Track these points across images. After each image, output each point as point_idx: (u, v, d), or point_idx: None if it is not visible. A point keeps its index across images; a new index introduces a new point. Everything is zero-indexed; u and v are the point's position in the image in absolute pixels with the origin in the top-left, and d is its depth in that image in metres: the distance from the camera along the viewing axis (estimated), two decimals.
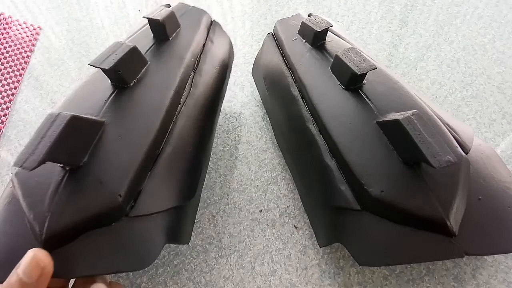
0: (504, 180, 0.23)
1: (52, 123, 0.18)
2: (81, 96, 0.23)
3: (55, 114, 0.19)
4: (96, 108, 0.22)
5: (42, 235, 0.17)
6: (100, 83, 0.24)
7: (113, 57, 0.22)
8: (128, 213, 0.19)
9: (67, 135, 0.18)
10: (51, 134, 0.18)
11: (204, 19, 0.32)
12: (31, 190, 0.19)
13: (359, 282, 0.25)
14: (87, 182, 0.19)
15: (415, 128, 0.20)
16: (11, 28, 0.45)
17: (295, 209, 0.29)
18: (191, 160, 0.25)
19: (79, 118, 0.19)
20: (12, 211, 0.19)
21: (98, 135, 0.20)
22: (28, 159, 0.17)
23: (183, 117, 0.25)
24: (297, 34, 0.32)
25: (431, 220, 0.19)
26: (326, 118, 0.25)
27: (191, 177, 0.25)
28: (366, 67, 0.24)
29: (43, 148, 0.17)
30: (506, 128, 0.33)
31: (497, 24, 0.44)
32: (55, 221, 0.18)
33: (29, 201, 0.19)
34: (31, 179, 0.19)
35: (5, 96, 0.38)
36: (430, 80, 0.38)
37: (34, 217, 0.18)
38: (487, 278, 0.25)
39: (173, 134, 0.23)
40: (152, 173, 0.21)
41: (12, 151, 0.34)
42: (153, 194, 0.21)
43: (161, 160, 0.22)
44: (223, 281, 0.26)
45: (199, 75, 0.28)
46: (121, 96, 0.23)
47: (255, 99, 0.38)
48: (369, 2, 0.49)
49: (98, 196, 0.18)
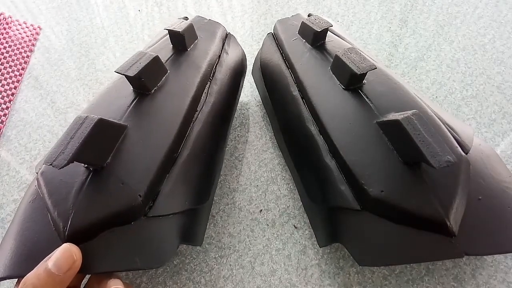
0: (504, 180, 0.23)
1: (80, 125, 0.19)
2: (104, 101, 0.25)
3: (83, 117, 0.20)
4: (119, 113, 0.23)
5: (65, 231, 0.18)
6: (123, 90, 0.25)
7: (137, 65, 0.24)
8: (147, 213, 0.20)
9: (94, 136, 0.19)
10: (80, 135, 0.19)
11: (220, 32, 0.33)
12: (56, 188, 0.20)
13: (359, 282, 0.25)
14: (110, 182, 0.20)
15: (415, 128, 0.20)
16: (11, 28, 0.45)
17: (295, 209, 0.29)
18: (205, 164, 0.26)
19: (105, 121, 0.20)
20: (36, 208, 0.21)
21: (121, 138, 0.21)
22: (58, 158, 0.18)
23: (199, 123, 0.26)
24: (297, 34, 0.32)
25: (431, 220, 0.19)
26: (326, 118, 0.25)
27: (205, 181, 0.26)
28: (366, 67, 0.24)
29: (72, 148, 0.18)
30: (506, 128, 0.33)
31: (497, 24, 0.44)
32: (79, 218, 0.18)
33: (54, 199, 0.19)
34: (56, 178, 0.20)
35: (5, 96, 0.38)
36: (430, 80, 0.38)
37: (58, 214, 0.19)
38: (487, 278, 0.25)
39: (190, 139, 0.24)
40: (170, 175, 0.22)
41: (12, 151, 0.34)
42: (170, 196, 0.22)
43: (178, 163, 0.23)
44: (223, 281, 0.26)
45: (214, 84, 0.29)
46: (143, 102, 0.24)
47: (255, 99, 0.38)
48: (369, 2, 0.49)
49: (120, 195, 0.19)
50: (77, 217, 0.18)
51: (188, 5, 0.51)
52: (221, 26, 0.34)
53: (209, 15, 0.49)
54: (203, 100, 0.27)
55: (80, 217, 0.19)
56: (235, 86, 0.32)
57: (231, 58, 0.33)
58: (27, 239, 0.20)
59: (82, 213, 0.19)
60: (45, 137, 0.35)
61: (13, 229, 0.21)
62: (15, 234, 0.20)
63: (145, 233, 0.20)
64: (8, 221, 0.29)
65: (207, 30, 0.33)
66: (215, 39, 0.32)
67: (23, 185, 0.32)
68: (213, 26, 0.34)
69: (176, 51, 0.29)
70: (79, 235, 0.18)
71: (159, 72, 0.26)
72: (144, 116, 0.23)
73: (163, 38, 0.31)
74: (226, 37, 0.34)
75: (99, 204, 0.19)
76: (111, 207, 0.19)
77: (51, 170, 0.21)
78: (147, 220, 0.20)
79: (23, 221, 0.21)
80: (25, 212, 0.21)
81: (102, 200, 0.19)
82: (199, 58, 0.29)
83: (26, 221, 0.20)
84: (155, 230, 0.21)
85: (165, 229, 0.21)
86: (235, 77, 0.32)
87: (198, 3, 0.51)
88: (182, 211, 0.22)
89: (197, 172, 0.25)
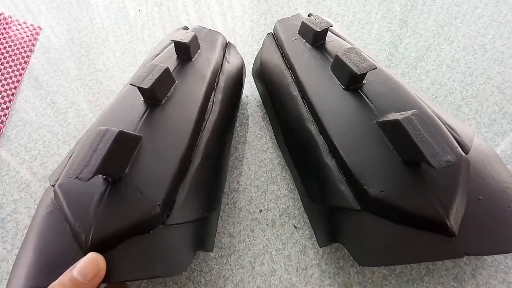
0: (504, 180, 0.23)
1: (102, 137, 0.20)
2: (116, 112, 0.25)
3: (104, 130, 0.20)
4: (133, 124, 0.23)
5: (87, 242, 0.19)
6: (133, 100, 0.26)
7: (151, 77, 0.24)
8: (165, 221, 0.21)
9: (114, 149, 0.20)
10: (102, 147, 0.19)
11: (220, 41, 0.34)
12: (75, 200, 0.20)
13: (359, 282, 0.25)
14: (129, 192, 0.20)
15: (415, 128, 0.20)
16: (11, 28, 0.45)
17: (295, 209, 0.29)
18: (214, 171, 0.26)
19: (124, 133, 0.21)
20: (54, 219, 0.21)
21: (137, 149, 0.22)
22: (83, 171, 0.18)
23: (207, 132, 0.26)
24: (297, 34, 0.32)
25: (431, 220, 0.19)
26: (326, 118, 0.25)
27: (215, 187, 0.26)
28: (366, 67, 0.24)
29: (96, 161, 0.19)
30: (506, 128, 0.33)
31: (497, 24, 0.44)
32: (100, 229, 0.19)
33: (74, 211, 0.20)
34: (75, 190, 0.21)
35: (5, 96, 0.38)
36: (430, 80, 0.38)
37: (79, 226, 0.19)
38: (487, 278, 0.25)
39: (199, 148, 0.25)
40: (184, 184, 0.23)
41: (12, 151, 0.34)
42: (186, 204, 0.22)
43: (190, 172, 0.24)
44: (223, 281, 0.26)
45: (219, 93, 0.30)
46: (154, 113, 0.24)
47: (255, 99, 0.38)
48: (369, 2, 0.49)
49: (140, 205, 0.20)
50: (99, 228, 0.19)
51: (188, 5, 0.51)
52: (221, 35, 0.35)
53: (209, 15, 0.49)
54: (209, 109, 0.28)
55: (101, 228, 0.19)
56: (237, 94, 0.33)
57: (232, 66, 0.33)
58: (46, 251, 0.20)
59: (104, 224, 0.19)
60: (45, 137, 0.35)
61: (31, 241, 0.21)
62: (34, 245, 0.20)
63: (164, 241, 0.20)
64: (8, 221, 0.29)
65: (208, 39, 0.33)
66: (216, 48, 0.33)
67: (23, 185, 0.32)
68: (213, 36, 0.34)
69: (181, 61, 0.29)
70: (101, 246, 0.19)
71: (169, 83, 0.26)
72: (157, 126, 0.24)
73: (167, 48, 0.31)
74: (226, 46, 0.35)
75: (119, 214, 0.19)
76: (132, 217, 0.20)
77: (69, 182, 0.21)
78: (165, 228, 0.21)
79: (41, 233, 0.21)
80: (42, 223, 0.21)
81: (123, 210, 0.20)
82: (204, 68, 0.30)
83: (44, 233, 0.21)
84: (174, 238, 0.21)
85: (182, 236, 0.22)
86: (236, 85, 0.33)
87: (198, 3, 0.51)
88: (197, 219, 0.23)
89: (208, 180, 0.25)
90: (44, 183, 0.32)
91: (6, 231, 0.29)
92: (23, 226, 0.29)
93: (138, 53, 0.44)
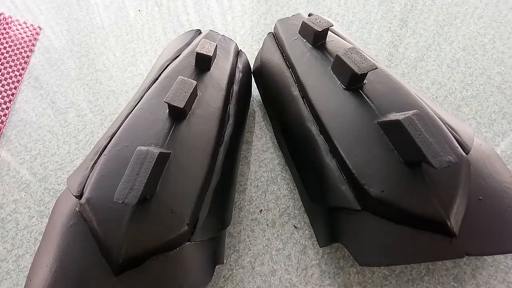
0: (504, 180, 0.23)
1: (143, 160, 0.20)
2: (141, 125, 0.25)
3: (144, 151, 0.20)
4: (160, 139, 0.23)
5: (119, 259, 0.19)
6: (157, 113, 0.25)
7: (184, 95, 0.24)
8: (190, 238, 0.21)
9: (156, 171, 0.20)
10: (145, 171, 0.19)
11: (233, 49, 0.34)
12: (106, 216, 0.20)
13: (359, 282, 0.25)
14: (160, 211, 0.21)
15: (415, 128, 0.20)
16: (11, 28, 0.45)
17: (295, 209, 0.29)
18: (228, 187, 0.27)
19: (163, 154, 0.21)
20: (79, 233, 0.21)
21: (166, 166, 0.22)
22: (128, 196, 0.19)
23: (225, 147, 0.27)
24: (297, 34, 0.32)
25: (431, 220, 0.19)
26: (327, 118, 0.25)
27: (229, 203, 0.27)
28: (366, 67, 0.24)
29: (140, 185, 0.19)
30: (506, 128, 0.33)
31: (497, 24, 0.44)
32: (132, 247, 0.19)
33: (105, 227, 0.20)
34: (106, 206, 0.21)
35: (5, 96, 0.38)
36: (430, 80, 0.38)
37: (111, 243, 0.19)
38: (487, 278, 0.25)
39: (218, 164, 0.26)
40: (205, 201, 0.23)
41: (12, 151, 0.34)
42: (208, 221, 0.23)
43: (210, 189, 0.24)
44: (223, 281, 0.26)
45: (232, 104, 0.30)
46: (180, 127, 0.25)
47: (255, 99, 0.38)
48: (369, 2, 0.49)
49: (170, 224, 0.20)
50: (131, 245, 0.19)
51: (188, 5, 0.51)
52: (234, 42, 0.35)
53: (209, 15, 0.49)
54: (226, 123, 0.28)
55: (133, 246, 0.19)
56: (247, 106, 0.33)
57: (243, 76, 0.34)
58: (70, 264, 0.20)
59: (136, 241, 0.19)
60: (45, 137, 0.35)
61: (52, 251, 0.21)
62: (55, 256, 0.20)
63: (189, 258, 0.21)
64: (8, 221, 0.29)
65: (222, 47, 0.33)
66: (230, 57, 0.33)
67: (23, 185, 0.32)
68: (227, 43, 0.34)
69: (199, 71, 0.29)
70: (131, 262, 0.19)
71: (194, 97, 0.26)
72: (182, 142, 0.24)
73: (183, 55, 0.31)
74: (238, 54, 0.35)
75: (151, 232, 0.20)
76: (163, 235, 0.20)
77: (99, 197, 0.21)
78: (190, 246, 0.21)
79: (65, 245, 0.21)
80: (66, 235, 0.21)
81: (154, 228, 0.20)
82: (221, 79, 0.30)
83: (68, 245, 0.21)
84: (196, 254, 0.21)
85: (203, 253, 0.22)
86: (247, 96, 0.33)
87: (198, 3, 0.51)
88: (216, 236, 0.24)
89: (224, 196, 0.26)
90: (44, 183, 0.32)
91: (6, 231, 0.29)
92: (23, 226, 0.29)
93: (138, 53, 0.44)
